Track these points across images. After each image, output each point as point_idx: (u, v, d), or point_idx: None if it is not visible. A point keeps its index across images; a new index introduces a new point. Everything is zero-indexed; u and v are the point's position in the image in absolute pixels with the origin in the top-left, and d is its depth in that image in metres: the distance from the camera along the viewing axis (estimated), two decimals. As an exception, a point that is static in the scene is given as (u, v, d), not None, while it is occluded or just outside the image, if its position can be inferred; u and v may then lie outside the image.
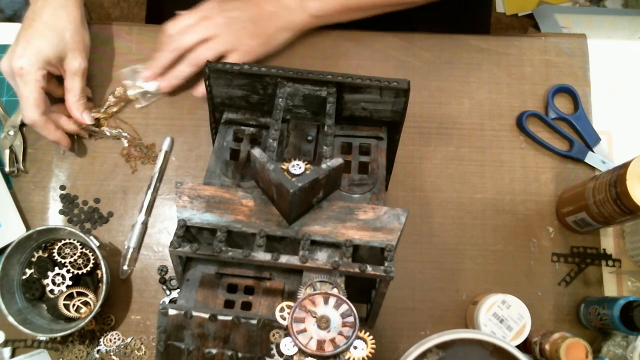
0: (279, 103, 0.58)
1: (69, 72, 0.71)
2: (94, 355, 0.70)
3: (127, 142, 0.76)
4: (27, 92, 0.68)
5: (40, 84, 0.68)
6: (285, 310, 0.47)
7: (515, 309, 0.66)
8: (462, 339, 0.50)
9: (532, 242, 0.74)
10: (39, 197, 0.75)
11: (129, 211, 0.75)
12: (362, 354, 0.45)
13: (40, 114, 0.69)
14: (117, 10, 1.71)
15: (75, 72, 0.71)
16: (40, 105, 0.69)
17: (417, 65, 0.80)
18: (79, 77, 0.72)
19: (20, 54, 0.68)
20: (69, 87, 0.72)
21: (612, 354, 0.69)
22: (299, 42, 0.80)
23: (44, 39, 0.68)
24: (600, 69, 0.80)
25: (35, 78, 0.68)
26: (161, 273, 0.73)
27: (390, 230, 0.52)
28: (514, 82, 0.79)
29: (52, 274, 0.69)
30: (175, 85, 0.75)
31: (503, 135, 0.78)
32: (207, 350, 0.48)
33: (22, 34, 0.69)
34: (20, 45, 0.68)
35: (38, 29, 0.68)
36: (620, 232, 0.74)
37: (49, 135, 0.71)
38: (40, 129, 0.70)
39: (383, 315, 0.71)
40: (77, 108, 0.72)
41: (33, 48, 0.68)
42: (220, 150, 0.61)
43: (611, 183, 0.63)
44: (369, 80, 0.57)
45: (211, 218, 0.53)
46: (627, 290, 0.72)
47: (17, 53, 0.68)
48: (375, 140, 0.62)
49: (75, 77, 0.72)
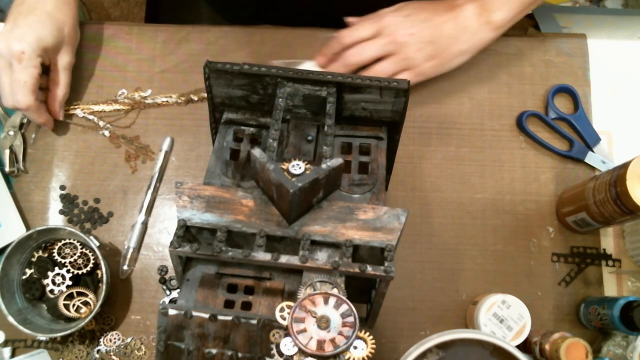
0: (279, 103, 0.58)
1: (60, 65, 0.73)
2: (94, 355, 0.70)
3: (110, 133, 0.76)
4: (25, 76, 0.68)
5: (37, 71, 0.69)
6: (285, 310, 0.47)
7: (515, 309, 0.66)
8: (462, 339, 0.50)
9: (532, 242, 0.74)
10: (39, 197, 0.75)
11: (129, 211, 0.75)
12: (362, 354, 0.45)
13: (35, 99, 0.70)
14: (117, 10, 1.71)
15: (66, 67, 0.73)
16: (35, 91, 0.70)
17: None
18: (68, 71, 0.74)
19: (21, 38, 0.68)
20: (57, 80, 0.73)
21: (612, 354, 0.69)
22: (299, 42, 0.80)
23: (46, 28, 0.69)
24: (600, 69, 0.80)
25: (34, 64, 0.68)
26: (161, 273, 0.73)
27: (390, 230, 0.52)
28: (514, 82, 0.79)
29: (52, 274, 0.69)
30: None
31: (503, 135, 0.78)
32: (207, 350, 0.48)
33: (21, 19, 0.69)
34: (20, 29, 0.68)
35: (41, 18, 0.69)
36: (620, 232, 0.74)
37: (39, 118, 0.73)
38: (32, 113, 0.71)
39: (383, 315, 0.71)
40: (59, 102, 0.74)
41: (35, 35, 0.68)
42: (220, 150, 0.61)
43: (611, 183, 0.63)
44: (369, 80, 0.57)
45: (211, 218, 0.53)
46: (627, 290, 0.72)
47: (17, 36, 0.68)
48: (375, 140, 0.62)
49: (65, 71, 0.74)
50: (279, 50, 0.80)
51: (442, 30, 0.70)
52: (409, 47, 0.70)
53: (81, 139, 0.77)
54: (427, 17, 0.71)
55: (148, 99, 0.78)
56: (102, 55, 0.80)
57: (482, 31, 0.71)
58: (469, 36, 0.71)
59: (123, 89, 0.79)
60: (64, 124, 0.77)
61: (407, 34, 0.70)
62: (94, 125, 0.77)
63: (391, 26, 0.71)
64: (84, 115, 0.77)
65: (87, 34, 0.81)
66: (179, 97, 0.77)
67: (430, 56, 0.71)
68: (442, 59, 0.72)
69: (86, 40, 0.80)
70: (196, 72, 0.79)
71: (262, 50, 0.80)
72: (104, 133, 0.77)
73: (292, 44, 0.80)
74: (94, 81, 0.79)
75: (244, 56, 0.79)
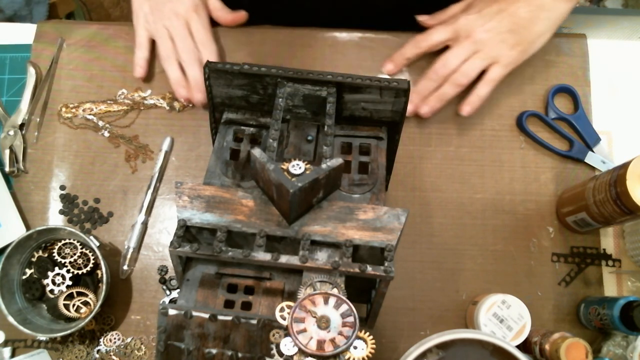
0: (279, 103, 0.58)
1: None
2: (94, 355, 0.70)
3: (109, 133, 0.76)
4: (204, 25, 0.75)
5: None
6: (285, 310, 0.47)
7: (515, 309, 0.66)
8: (462, 339, 0.50)
9: (532, 242, 0.74)
10: (39, 197, 0.75)
11: (129, 211, 0.75)
12: (362, 354, 0.45)
13: None
14: (117, 10, 1.71)
15: None
16: None
17: (417, 65, 0.80)
18: None
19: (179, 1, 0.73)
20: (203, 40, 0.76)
21: (612, 354, 0.69)
22: (299, 42, 0.80)
23: None
24: (600, 69, 0.80)
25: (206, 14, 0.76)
26: (161, 273, 0.73)
27: (390, 230, 0.52)
28: (514, 82, 0.79)
29: (52, 274, 0.69)
30: (438, 109, 0.75)
31: (503, 135, 0.78)
32: (207, 350, 0.48)
33: None
34: None
35: None
36: (620, 232, 0.74)
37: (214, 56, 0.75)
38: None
39: (383, 315, 0.71)
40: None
41: None
42: (220, 150, 0.61)
43: (611, 183, 0.63)
44: (369, 80, 0.57)
45: (211, 218, 0.53)
46: (627, 290, 0.72)
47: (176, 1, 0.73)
48: (375, 140, 0.62)
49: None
50: (279, 50, 0.80)
51: (519, 15, 0.70)
52: (491, 42, 0.70)
53: (81, 139, 0.77)
54: (500, 8, 0.70)
55: (148, 99, 0.78)
56: (102, 55, 0.80)
57: (558, 4, 0.71)
58: (547, 14, 0.71)
59: (123, 89, 0.79)
60: (64, 124, 0.77)
61: (485, 29, 0.70)
62: (94, 125, 0.77)
63: (467, 26, 0.71)
64: (84, 115, 0.77)
65: (87, 34, 0.81)
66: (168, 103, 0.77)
67: (514, 44, 0.71)
68: (525, 44, 0.71)
69: (86, 40, 0.80)
70: (196, 72, 0.79)
71: (262, 50, 0.80)
72: (103, 133, 0.77)
73: (292, 44, 0.80)
74: (94, 81, 0.79)
75: (244, 56, 0.79)
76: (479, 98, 0.73)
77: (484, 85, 0.72)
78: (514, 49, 0.71)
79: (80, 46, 0.80)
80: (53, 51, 0.79)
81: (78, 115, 0.78)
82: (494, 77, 0.72)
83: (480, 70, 0.72)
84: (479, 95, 0.73)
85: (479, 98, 0.73)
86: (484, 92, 0.73)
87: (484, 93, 0.73)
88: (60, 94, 0.79)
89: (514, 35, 0.70)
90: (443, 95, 0.73)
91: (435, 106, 0.74)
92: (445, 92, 0.73)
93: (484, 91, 0.73)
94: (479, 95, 0.73)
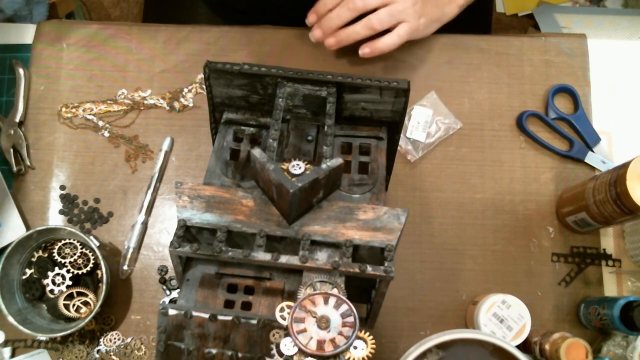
0: (279, 103, 0.58)
1: None
2: (94, 355, 0.70)
3: (109, 132, 0.76)
4: None
5: None
6: (285, 310, 0.47)
7: (515, 309, 0.66)
8: (462, 339, 0.50)
9: (532, 242, 0.74)
10: (39, 197, 0.75)
11: (129, 211, 0.75)
12: (362, 354, 0.45)
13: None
14: (117, 10, 1.71)
15: None
16: None
17: (417, 65, 0.80)
18: None
19: None
20: None
21: (612, 354, 0.69)
22: (299, 42, 0.80)
23: None
24: (600, 69, 0.80)
25: None
26: (161, 273, 0.73)
27: (390, 230, 0.52)
28: (514, 82, 0.79)
29: (52, 274, 0.69)
30: (344, 45, 0.74)
31: (503, 135, 0.78)
32: (207, 350, 0.48)
33: None
34: None
35: None
36: (620, 232, 0.74)
37: None
38: None
39: (383, 315, 0.71)
40: None
41: None
42: (220, 150, 0.60)
43: (611, 183, 0.63)
44: (369, 80, 0.57)
45: (211, 218, 0.53)
46: (627, 290, 0.72)
47: None
48: (375, 140, 0.62)
49: None
50: (279, 50, 0.80)
51: None
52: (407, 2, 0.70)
53: (81, 139, 0.77)
54: None
55: (148, 99, 0.78)
56: (102, 55, 0.80)
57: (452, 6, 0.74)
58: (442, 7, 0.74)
59: (123, 89, 0.79)
60: (64, 124, 0.77)
61: None
62: (94, 125, 0.77)
63: None
64: (84, 115, 0.77)
65: (87, 34, 0.81)
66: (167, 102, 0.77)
67: (420, 14, 0.72)
68: (427, 20, 0.73)
69: (86, 40, 0.80)
70: (196, 72, 0.80)
71: (262, 50, 0.80)
72: (103, 133, 0.77)
73: (292, 44, 0.80)
74: (94, 81, 0.79)
75: (244, 56, 0.79)
76: (384, 45, 0.72)
77: (392, 35, 0.72)
78: (422, 18, 0.73)
79: (80, 46, 0.80)
80: (53, 51, 0.79)
81: (78, 115, 0.78)
82: (401, 33, 0.72)
83: (392, 24, 0.71)
84: (385, 43, 0.72)
85: (384, 45, 0.72)
86: (390, 41, 0.72)
87: (390, 42, 0.72)
88: (60, 94, 0.79)
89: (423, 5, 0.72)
90: (354, 34, 0.72)
91: (342, 42, 0.73)
92: (356, 31, 0.72)
93: (390, 40, 0.72)
94: (385, 42, 0.72)
